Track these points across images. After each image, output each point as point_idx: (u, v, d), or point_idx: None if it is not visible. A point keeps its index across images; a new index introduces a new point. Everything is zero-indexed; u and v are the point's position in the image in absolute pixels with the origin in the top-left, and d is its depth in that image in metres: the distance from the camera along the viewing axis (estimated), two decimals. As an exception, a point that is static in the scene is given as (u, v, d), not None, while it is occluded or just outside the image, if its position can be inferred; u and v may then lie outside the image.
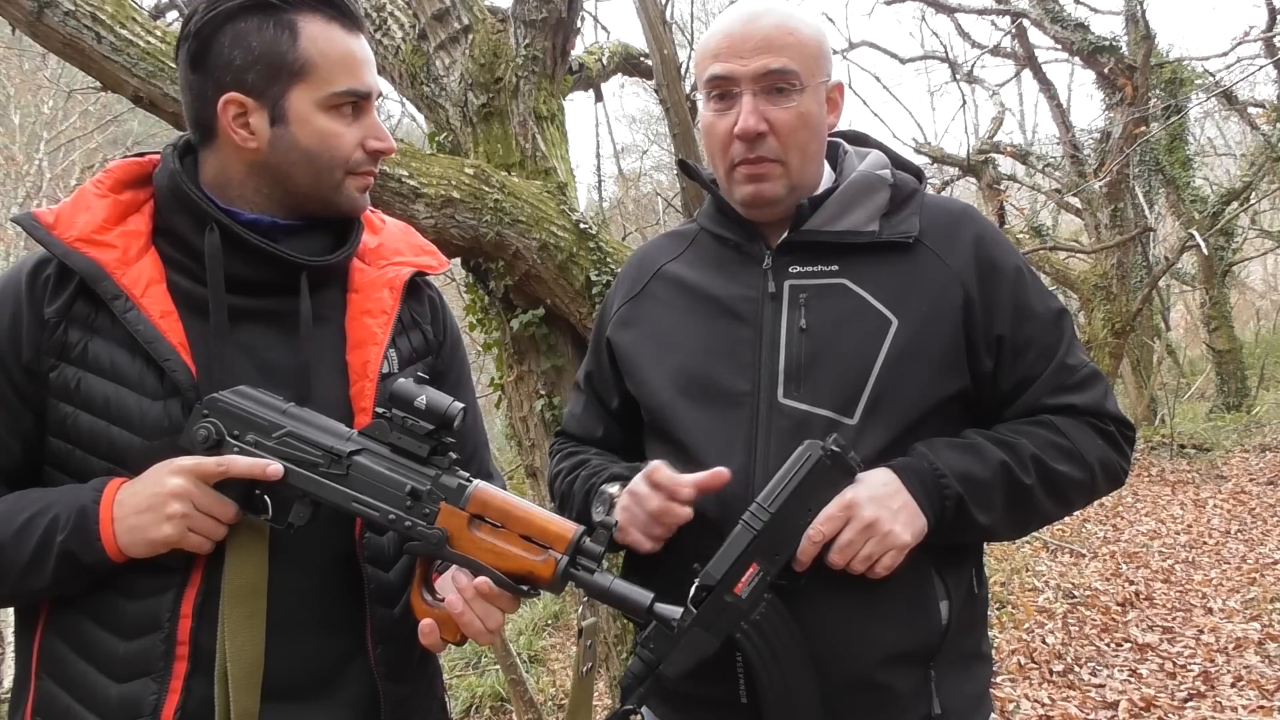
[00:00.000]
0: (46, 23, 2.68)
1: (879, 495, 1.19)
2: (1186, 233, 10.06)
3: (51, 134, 12.69)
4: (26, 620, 1.15)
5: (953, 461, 1.24)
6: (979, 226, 1.36)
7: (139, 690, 1.08)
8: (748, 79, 1.28)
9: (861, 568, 1.19)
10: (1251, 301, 20.70)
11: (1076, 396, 1.30)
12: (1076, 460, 1.28)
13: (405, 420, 1.11)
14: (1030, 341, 1.31)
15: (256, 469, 1.07)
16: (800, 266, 1.33)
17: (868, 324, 1.28)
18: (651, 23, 3.39)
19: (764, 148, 1.29)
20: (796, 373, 1.28)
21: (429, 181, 3.00)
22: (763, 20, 1.29)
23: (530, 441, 3.74)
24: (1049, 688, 4.37)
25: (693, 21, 11.43)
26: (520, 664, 4.73)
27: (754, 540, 1.17)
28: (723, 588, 1.17)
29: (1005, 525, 1.29)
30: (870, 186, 1.34)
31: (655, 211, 14.42)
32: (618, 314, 1.47)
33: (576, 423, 1.54)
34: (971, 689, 1.32)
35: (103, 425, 1.10)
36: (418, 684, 1.26)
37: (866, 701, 1.25)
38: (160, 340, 1.10)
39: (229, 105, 1.13)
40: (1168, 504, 8.28)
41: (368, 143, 1.19)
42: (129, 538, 1.05)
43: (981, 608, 1.38)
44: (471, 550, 1.09)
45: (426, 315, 1.33)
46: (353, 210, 1.23)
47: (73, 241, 1.12)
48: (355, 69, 1.16)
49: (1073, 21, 9.80)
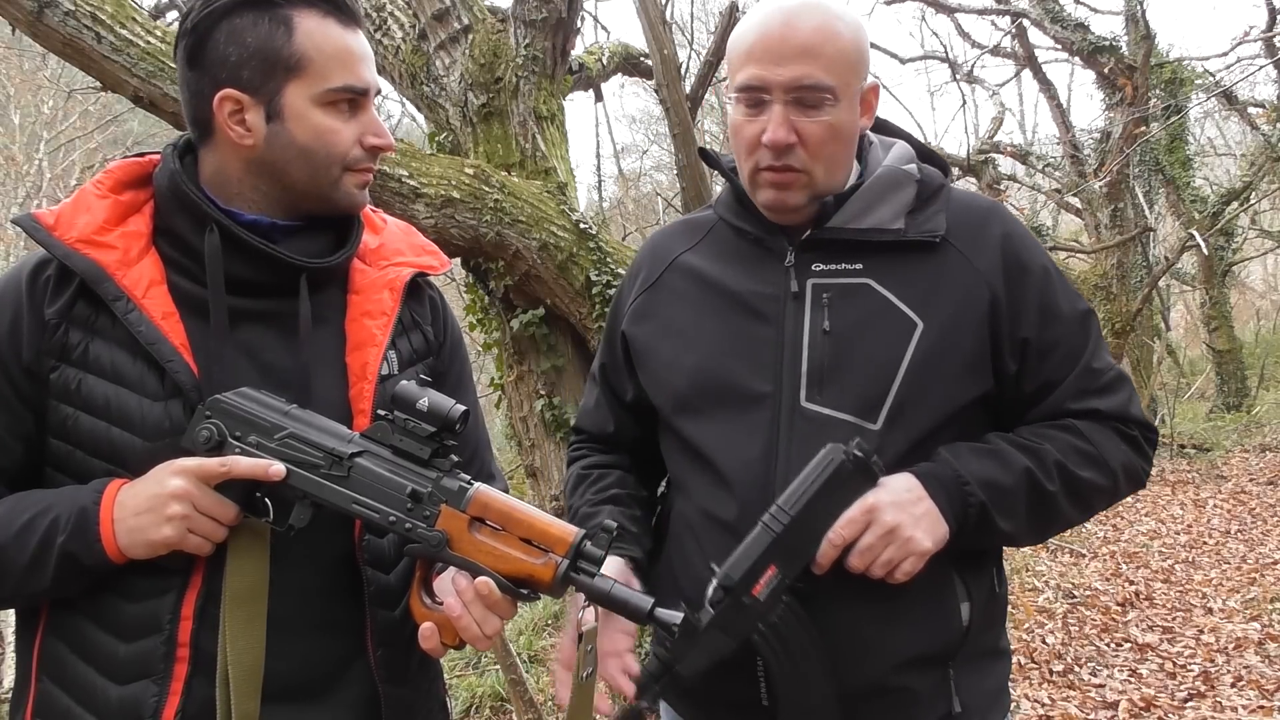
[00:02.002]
0: (46, 23, 2.68)
1: (901, 500, 1.17)
2: (1186, 233, 10.06)
3: (51, 134, 12.69)
4: (27, 622, 1.15)
5: (976, 468, 1.21)
6: (1007, 225, 1.32)
7: (139, 692, 1.08)
8: (780, 88, 1.22)
9: (881, 573, 1.17)
10: (1251, 301, 20.69)
11: (1101, 401, 1.28)
12: (1100, 466, 1.26)
13: (407, 422, 1.10)
14: (1056, 344, 1.28)
15: (259, 470, 1.07)
16: (823, 265, 1.29)
17: (892, 327, 1.25)
18: (651, 23, 3.39)
19: (791, 158, 1.25)
20: (819, 376, 1.25)
21: (429, 181, 3.00)
22: (802, 22, 1.22)
23: (530, 441, 3.73)
24: (1049, 688, 4.37)
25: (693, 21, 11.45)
26: (520, 664, 4.73)
27: (774, 542, 1.15)
28: (741, 589, 1.15)
29: (1027, 531, 1.27)
30: (896, 182, 1.30)
31: (655, 211, 14.41)
32: (633, 305, 1.43)
33: (589, 417, 1.52)
34: (991, 685, 1.31)
35: (103, 426, 1.10)
36: (419, 686, 1.26)
37: (885, 703, 1.23)
38: (163, 341, 1.10)
39: (225, 102, 1.13)
40: (1168, 504, 8.28)
41: (365, 139, 1.18)
42: (129, 539, 1.05)
43: (1002, 606, 1.36)
44: (472, 553, 1.09)
45: (427, 316, 1.32)
46: (351, 207, 1.22)
47: (73, 243, 1.11)
48: (351, 65, 1.15)
49: (1073, 21, 9.79)
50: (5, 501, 1.10)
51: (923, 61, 15.25)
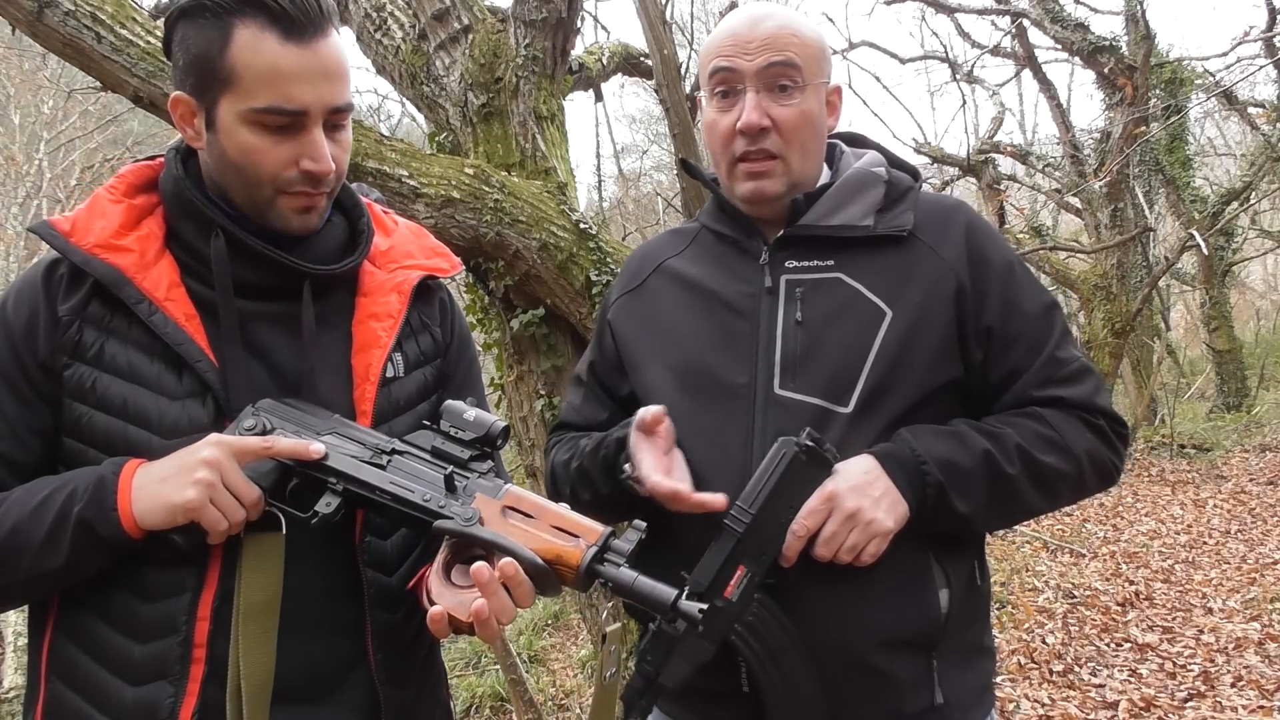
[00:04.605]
0: (46, 23, 2.67)
1: (859, 484, 1.20)
2: (1186, 233, 10.05)
3: (51, 134, 12.69)
4: (36, 622, 1.15)
5: (935, 448, 1.24)
6: (970, 218, 1.39)
7: (155, 693, 1.07)
8: (752, 74, 1.31)
9: (848, 558, 1.20)
10: (1251, 301, 20.70)
11: (1065, 390, 1.30)
12: (1062, 452, 1.28)
13: (450, 430, 1.14)
14: (1019, 335, 1.32)
15: (300, 449, 1.08)
16: (797, 261, 1.35)
17: (862, 315, 1.30)
18: (651, 23, 3.39)
19: (766, 141, 1.32)
20: (792, 364, 1.30)
21: (429, 181, 3.00)
22: (766, 22, 1.33)
23: (530, 441, 3.74)
24: (1049, 688, 4.37)
25: (693, 21, 11.43)
26: (520, 664, 4.73)
27: (739, 542, 1.18)
28: (712, 593, 1.17)
29: (988, 515, 1.29)
30: (865, 183, 1.37)
31: (655, 211, 14.41)
32: (616, 303, 1.50)
33: (576, 413, 1.54)
34: (974, 681, 1.33)
35: (119, 425, 1.10)
36: (420, 689, 1.25)
37: (867, 688, 1.25)
38: (189, 342, 1.11)
39: (176, 104, 1.14)
40: (1168, 504, 8.28)
41: (302, 162, 1.11)
42: (149, 503, 1.03)
43: (984, 600, 1.38)
44: (504, 531, 1.10)
45: (436, 318, 1.33)
46: (287, 231, 1.16)
47: (91, 248, 1.12)
48: (281, 85, 1.07)
49: (1073, 21, 9.80)
50: (22, 486, 1.09)
51: (923, 61, 15.26)
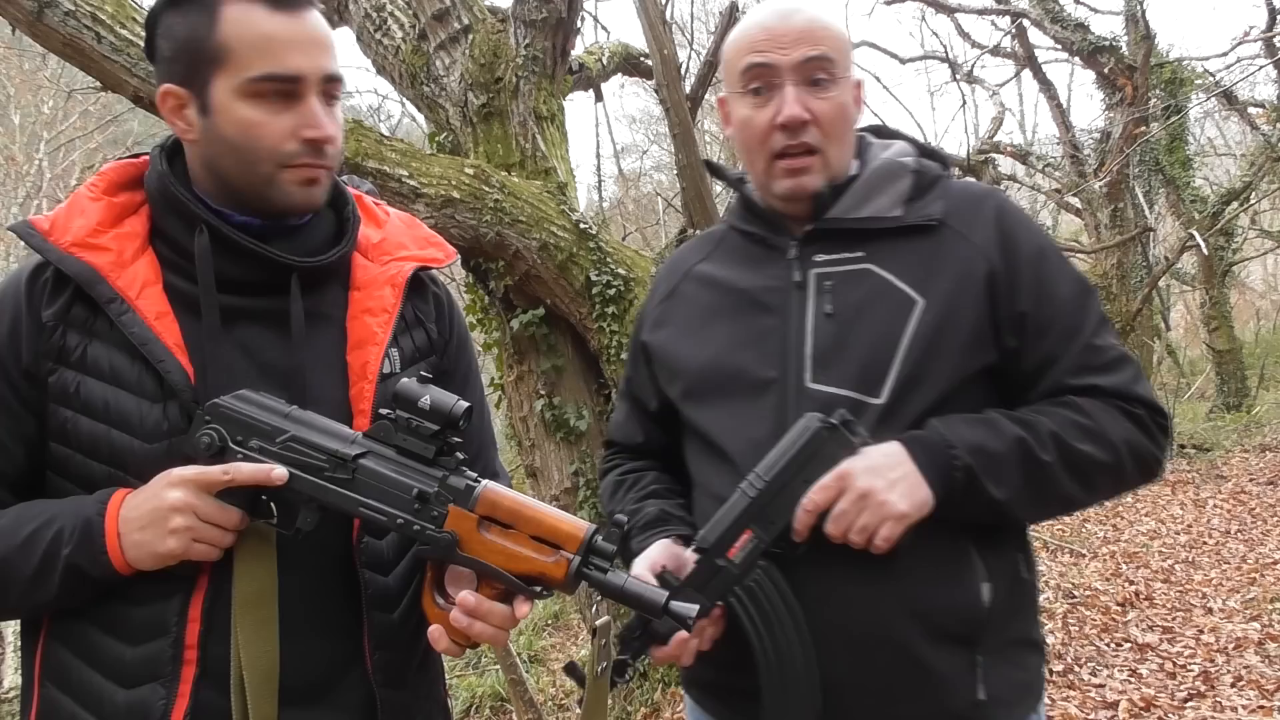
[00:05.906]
0: (46, 23, 2.68)
1: (877, 466, 1.19)
2: (1186, 233, 10.06)
3: (51, 134, 12.69)
4: (29, 629, 1.14)
5: (964, 434, 1.22)
6: (1001, 203, 1.36)
7: (147, 696, 1.07)
8: (789, 68, 1.29)
9: (860, 539, 1.18)
10: (1251, 301, 20.70)
11: (1102, 378, 1.27)
12: (1100, 440, 1.24)
13: (410, 421, 1.09)
14: (1052, 321, 1.28)
15: (261, 475, 1.06)
16: (825, 254, 1.33)
17: (892, 305, 1.28)
18: (651, 23, 3.39)
19: (806, 135, 1.30)
20: (823, 357, 1.28)
21: (429, 181, 3.00)
22: (797, 16, 1.32)
23: (530, 441, 3.74)
24: (1049, 688, 4.37)
25: (693, 21, 11.45)
26: (520, 664, 4.73)
27: (749, 506, 1.20)
28: (715, 551, 1.20)
29: (1023, 503, 1.25)
30: (892, 173, 1.35)
31: (655, 211, 14.42)
32: (652, 316, 1.49)
33: (620, 430, 1.59)
34: (1021, 677, 1.29)
35: (103, 429, 1.09)
36: (417, 689, 1.25)
37: (908, 682, 1.23)
38: (155, 342, 1.09)
39: (165, 97, 1.13)
40: (1168, 504, 8.28)
41: (302, 131, 1.10)
42: (136, 552, 1.04)
43: (1030, 593, 1.35)
44: (482, 553, 1.08)
45: (431, 313, 1.31)
46: (291, 208, 1.14)
47: (68, 246, 1.11)
48: (275, 52, 1.08)
49: (1073, 21, 9.81)
50: (8, 513, 1.09)
51: (923, 61, 15.24)
